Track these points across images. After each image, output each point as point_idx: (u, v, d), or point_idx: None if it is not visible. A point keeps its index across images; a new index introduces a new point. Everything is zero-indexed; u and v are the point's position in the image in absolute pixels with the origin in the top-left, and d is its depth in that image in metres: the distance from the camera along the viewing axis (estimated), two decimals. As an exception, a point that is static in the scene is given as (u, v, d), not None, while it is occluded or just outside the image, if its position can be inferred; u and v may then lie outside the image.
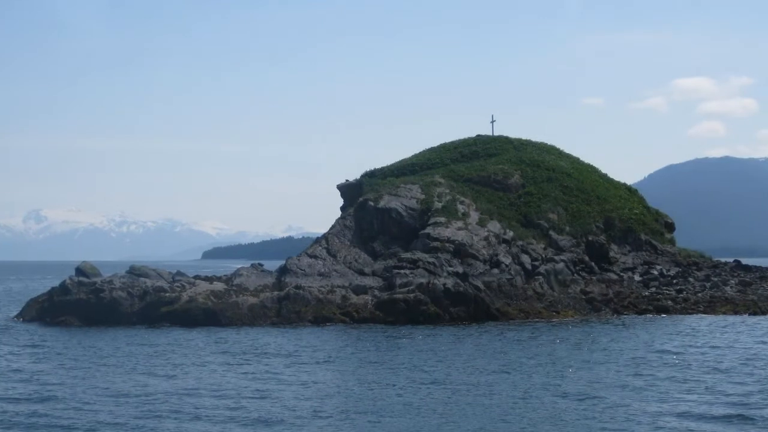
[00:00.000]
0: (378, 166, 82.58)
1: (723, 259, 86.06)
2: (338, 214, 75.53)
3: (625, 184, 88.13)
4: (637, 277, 71.02)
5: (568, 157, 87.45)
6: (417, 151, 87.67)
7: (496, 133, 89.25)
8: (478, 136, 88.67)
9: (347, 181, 79.89)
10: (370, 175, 79.85)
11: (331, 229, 70.47)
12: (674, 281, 70.89)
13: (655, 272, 71.99)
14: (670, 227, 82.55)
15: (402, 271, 61.59)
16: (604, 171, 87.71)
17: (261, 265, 70.52)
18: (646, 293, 67.50)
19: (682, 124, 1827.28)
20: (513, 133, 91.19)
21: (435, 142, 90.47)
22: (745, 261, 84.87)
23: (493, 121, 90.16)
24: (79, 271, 64.89)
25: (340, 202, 79.68)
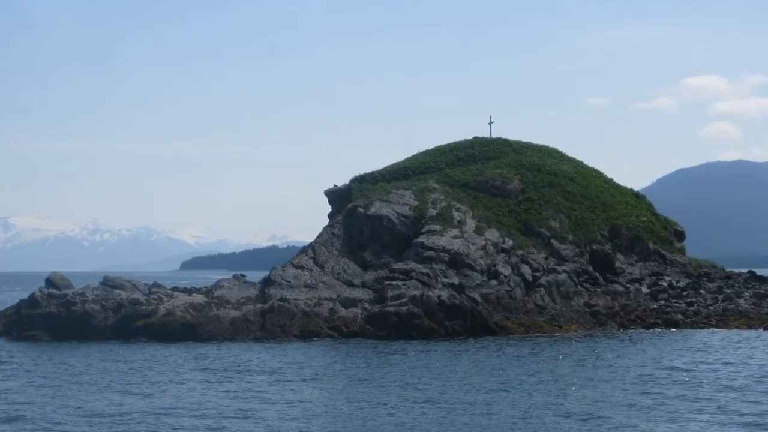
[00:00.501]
0: (368, 170, 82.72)
1: (736, 270, 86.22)
2: (325, 221, 75.52)
3: (631, 190, 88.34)
4: (644, 289, 71.12)
5: (571, 160, 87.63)
6: (410, 155, 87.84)
7: (494, 135, 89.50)
8: (475, 138, 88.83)
9: (335, 186, 79.83)
10: (360, 180, 79.88)
11: (318, 237, 70.48)
12: (684, 293, 71.03)
13: (664, 284, 72.11)
14: (680, 235, 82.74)
15: (394, 283, 61.64)
16: (609, 175, 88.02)
17: (243, 276, 70.47)
18: (655, 306, 67.63)
19: (693, 125, 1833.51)
20: (512, 135, 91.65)
21: (429, 145, 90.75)
22: (759, 271, 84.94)
23: (491, 123, 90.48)
24: (49, 282, 64.71)
25: (328, 208, 79.66)
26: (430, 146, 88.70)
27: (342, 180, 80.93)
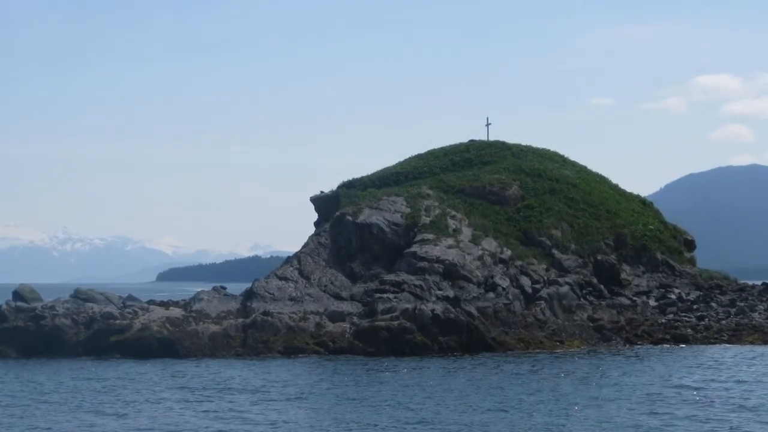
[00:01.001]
0: (357, 175, 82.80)
1: (750, 282, 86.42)
2: (311, 230, 75.61)
3: (638, 196, 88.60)
4: (652, 302, 71.24)
5: (574, 165, 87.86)
6: (402, 159, 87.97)
7: (491, 138, 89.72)
8: (472, 141, 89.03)
9: (322, 192, 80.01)
10: (348, 186, 79.94)
11: (303, 247, 70.47)
12: (694, 306, 71.12)
13: (673, 296, 72.23)
14: (690, 245, 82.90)
15: (384, 296, 61.63)
16: (614, 181, 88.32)
17: (224, 288, 70.46)
18: (663, 320, 67.71)
19: (703, 127, 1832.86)
20: (511, 137, 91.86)
21: (422, 148, 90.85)
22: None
23: (488, 124, 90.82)
24: (17, 294, 64.66)
25: (314, 216, 79.82)
26: (423, 150, 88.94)
27: (329, 186, 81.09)
